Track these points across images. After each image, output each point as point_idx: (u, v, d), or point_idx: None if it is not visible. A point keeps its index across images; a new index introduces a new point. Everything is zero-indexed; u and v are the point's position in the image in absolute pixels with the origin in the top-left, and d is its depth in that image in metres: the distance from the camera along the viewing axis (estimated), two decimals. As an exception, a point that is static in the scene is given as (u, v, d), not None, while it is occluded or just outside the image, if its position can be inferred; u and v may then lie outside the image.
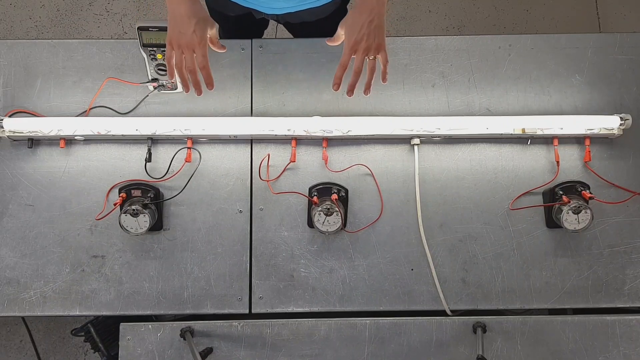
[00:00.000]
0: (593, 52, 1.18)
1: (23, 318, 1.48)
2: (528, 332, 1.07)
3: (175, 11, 0.93)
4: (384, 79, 0.98)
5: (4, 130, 1.09)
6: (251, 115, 1.15)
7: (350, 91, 0.97)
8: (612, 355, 1.07)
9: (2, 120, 1.08)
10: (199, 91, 0.99)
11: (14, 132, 1.09)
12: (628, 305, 1.10)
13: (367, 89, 0.98)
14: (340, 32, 0.98)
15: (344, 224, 1.09)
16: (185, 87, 0.99)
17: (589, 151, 1.12)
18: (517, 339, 1.06)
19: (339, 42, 1.00)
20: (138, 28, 1.02)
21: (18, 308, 1.10)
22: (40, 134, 1.10)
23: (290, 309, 1.10)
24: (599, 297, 1.09)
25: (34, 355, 1.56)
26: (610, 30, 2.27)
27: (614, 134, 1.10)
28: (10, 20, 2.22)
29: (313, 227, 1.09)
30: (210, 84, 0.98)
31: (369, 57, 0.96)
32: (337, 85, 0.97)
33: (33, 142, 1.13)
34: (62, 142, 1.12)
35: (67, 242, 1.11)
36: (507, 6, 2.27)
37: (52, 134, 1.10)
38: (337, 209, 1.04)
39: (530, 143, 1.14)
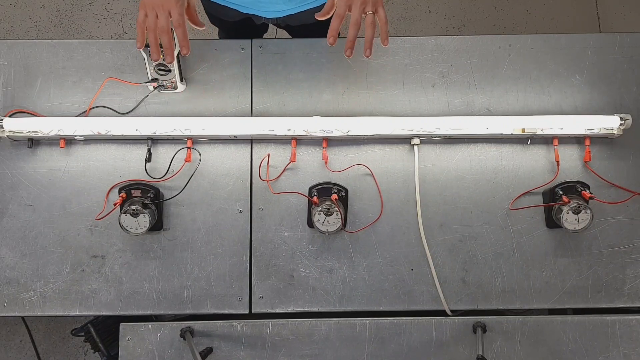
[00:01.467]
0: (593, 52, 1.18)
1: (23, 318, 1.48)
2: (528, 332, 1.07)
3: None
4: (384, 41, 0.92)
5: (4, 130, 1.09)
6: (251, 115, 1.15)
7: (350, 48, 0.90)
8: (612, 355, 1.07)
9: (2, 120, 1.08)
10: (170, 57, 0.92)
11: (14, 132, 1.09)
12: (628, 305, 1.10)
13: (367, 48, 0.91)
14: None
15: (344, 224, 1.09)
16: (155, 52, 0.92)
17: (589, 151, 1.12)
18: (517, 339, 1.06)
19: (332, 12, 0.92)
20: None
21: (18, 308, 1.10)
22: (40, 134, 1.10)
23: (290, 309, 1.10)
24: (599, 297, 1.09)
25: (34, 355, 1.56)
26: (610, 30, 2.27)
27: (614, 134, 1.10)
28: (10, 20, 2.22)
29: (313, 227, 1.09)
30: (185, 47, 0.91)
31: (366, 12, 0.89)
32: (332, 38, 0.90)
33: (33, 142, 1.12)
34: (62, 142, 1.12)
35: (67, 242, 1.11)
36: (507, 6, 2.27)
37: (52, 134, 1.10)
38: (337, 209, 1.04)
39: (530, 143, 1.14)
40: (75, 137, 1.12)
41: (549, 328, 1.07)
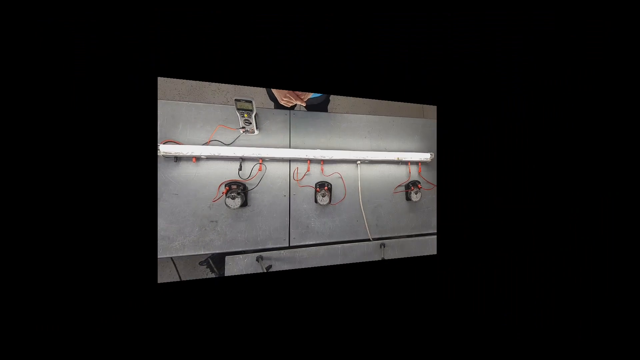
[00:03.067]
0: (420, 126, 2.63)
1: (172, 258, 1.96)
2: (401, 245, 2.43)
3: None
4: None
5: (160, 151, 1.83)
6: (289, 147, 2.15)
7: None
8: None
9: (159, 145, 1.87)
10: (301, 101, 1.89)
11: (166, 152, 1.82)
12: (432, 232, 2.56)
13: None
14: None
15: (330, 200, 2.23)
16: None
17: (421, 167, 2.50)
18: (396, 249, 2.39)
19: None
20: (235, 100, 1.85)
21: (168, 252, 1.80)
22: (181, 154, 1.86)
23: (307, 242, 2.09)
24: (423, 229, 2.48)
25: (177, 278, 2.12)
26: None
27: (429, 160, 2.54)
28: (163, 90, 2.88)
29: (317, 203, 2.18)
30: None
31: None
32: None
33: (177, 159, 1.88)
34: (194, 159, 1.89)
35: (197, 213, 1.87)
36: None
37: (188, 154, 1.86)
38: (327, 193, 2.18)
39: (399, 164, 2.49)
40: (201, 156, 1.92)
41: (410, 244, 2.44)
